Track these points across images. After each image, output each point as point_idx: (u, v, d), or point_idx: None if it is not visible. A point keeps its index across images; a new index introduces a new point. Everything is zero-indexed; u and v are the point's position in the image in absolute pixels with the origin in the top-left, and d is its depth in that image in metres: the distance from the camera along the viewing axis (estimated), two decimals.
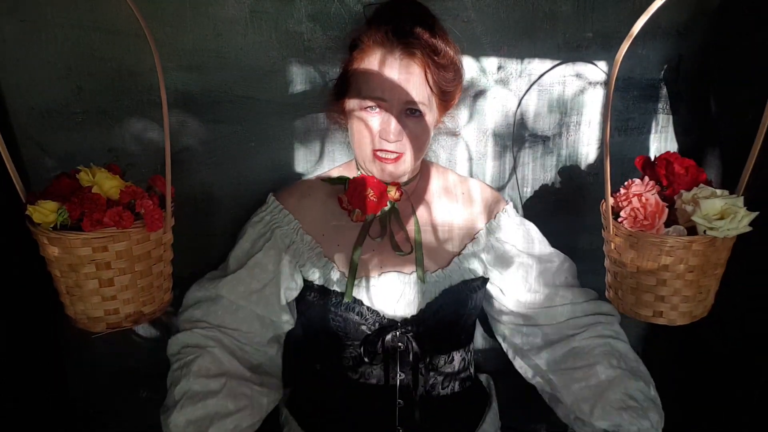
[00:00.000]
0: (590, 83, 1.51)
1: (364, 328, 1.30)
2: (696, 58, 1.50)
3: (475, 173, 1.57)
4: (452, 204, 1.41)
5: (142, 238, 0.99)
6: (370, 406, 1.34)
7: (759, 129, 1.03)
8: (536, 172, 1.58)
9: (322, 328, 1.34)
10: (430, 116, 1.27)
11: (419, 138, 1.26)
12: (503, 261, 1.40)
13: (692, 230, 1.04)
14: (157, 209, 0.99)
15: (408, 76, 1.20)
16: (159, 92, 0.97)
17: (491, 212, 1.43)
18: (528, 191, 1.62)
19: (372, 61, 1.22)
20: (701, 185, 1.07)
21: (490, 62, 1.47)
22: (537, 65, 1.48)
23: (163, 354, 1.62)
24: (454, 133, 1.51)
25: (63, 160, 1.40)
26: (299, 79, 1.44)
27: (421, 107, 1.23)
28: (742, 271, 1.17)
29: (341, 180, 1.37)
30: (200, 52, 1.39)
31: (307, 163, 1.51)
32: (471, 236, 1.40)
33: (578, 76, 1.50)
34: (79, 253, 0.94)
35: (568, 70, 1.49)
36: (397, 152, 1.25)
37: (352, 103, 1.27)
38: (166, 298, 1.09)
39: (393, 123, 1.22)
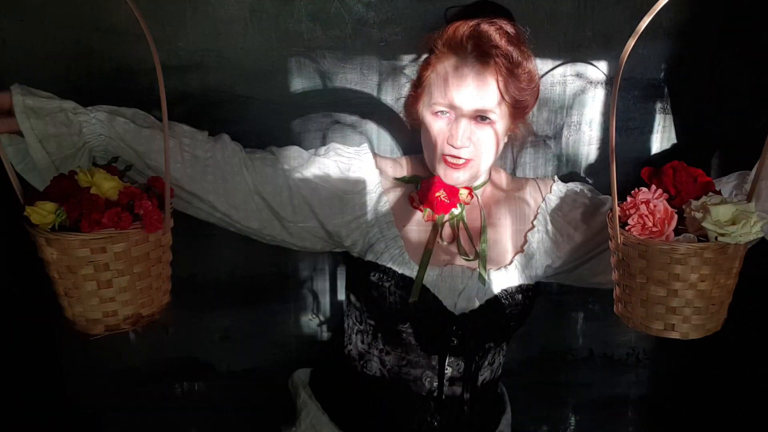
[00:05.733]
0: (590, 83, 1.50)
1: (424, 315, 1.29)
2: (696, 58, 1.49)
3: None
4: (518, 210, 1.42)
5: (140, 239, 0.98)
6: (409, 396, 1.34)
7: None
8: (537, 172, 1.58)
9: (379, 310, 1.32)
10: (501, 124, 1.26)
11: (488, 146, 1.26)
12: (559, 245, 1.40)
13: (702, 240, 1.02)
14: (156, 210, 0.99)
15: (480, 83, 1.20)
16: (159, 92, 0.97)
17: (537, 208, 1.42)
18: None
19: (445, 66, 1.23)
20: (710, 193, 1.06)
21: None
22: (537, 65, 1.48)
23: (163, 354, 1.63)
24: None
25: None
26: (299, 79, 1.44)
27: (491, 115, 1.23)
28: (753, 278, 1.16)
29: (414, 179, 1.38)
30: (200, 52, 1.39)
31: None
32: (524, 238, 1.40)
33: (578, 76, 1.49)
34: (77, 255, 0.94)
35: (568, 70, 1.49)
36: (464, 158, 1.25)
37: (425, 106, 1.28)
38: (165, 300, 1.08)
39: (461, 130, 1.22)
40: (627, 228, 1.07)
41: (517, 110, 1.28)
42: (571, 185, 1.45)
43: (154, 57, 0.95)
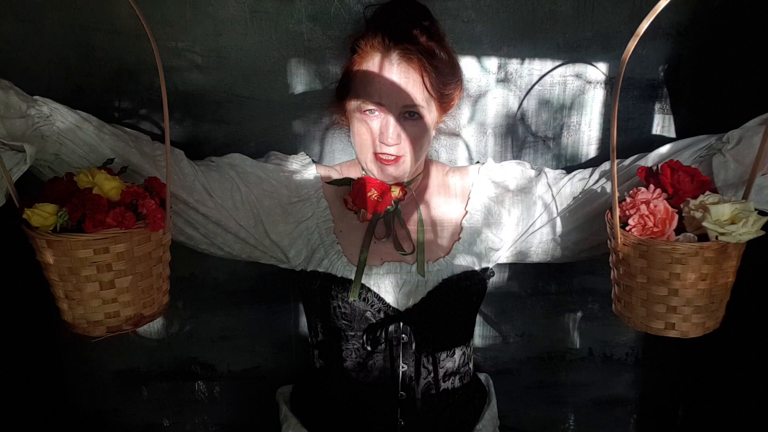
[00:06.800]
0: (590, 83, 1.50)
1: (368, 314, 1.30)
2: (696, 58, 1.49)
3: None
4: (451, 199, 1.43)
5: (142, 239, 0.98)
6: (372, 400, 1.34)
7: (764, 134, 1.03)
8: None
9: (327, 316, 1.33)
10: (429, 118, 1.28)
11: (418, 140, 1.28)
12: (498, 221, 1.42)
13: (702, 238, 1.02)
14: (159, 209, 0.99)
15: (405, 80, 1.22)
16: (159, 92, 0.97)
17: (468, 194, 1.44)
18: None
19: (370, 65, 1.24)
20: (707, 192, 1.06)
21: (491, 62, 1.47)
22: (537, 65, 1.48)
23: (163, 354, 1.63)
24: (454, 133, 1.51)
25: None
26: (299, 79, 1.44)
27: (420, 110, 1.25)
28: (751, 276, 1.16)
29: (346, 181, 1.39)
30: (200, 52, 1.39)
31: None
32: (460, 225, 1.40)
33: (578, 76, 1.50)
34: (80, 256, 0.93)
35: (568, 70, 1.49)
36: (396, 155, 1.27)
37: (352, 106, 1.29)
38: (165, 300, 1.09)
39: (391, 127, 1.24)
40: (627, 228, 1.07)
41: (444, 103, 1.31)
42: (504, 163, 1.47)
43: (156, 57, 0.95)
